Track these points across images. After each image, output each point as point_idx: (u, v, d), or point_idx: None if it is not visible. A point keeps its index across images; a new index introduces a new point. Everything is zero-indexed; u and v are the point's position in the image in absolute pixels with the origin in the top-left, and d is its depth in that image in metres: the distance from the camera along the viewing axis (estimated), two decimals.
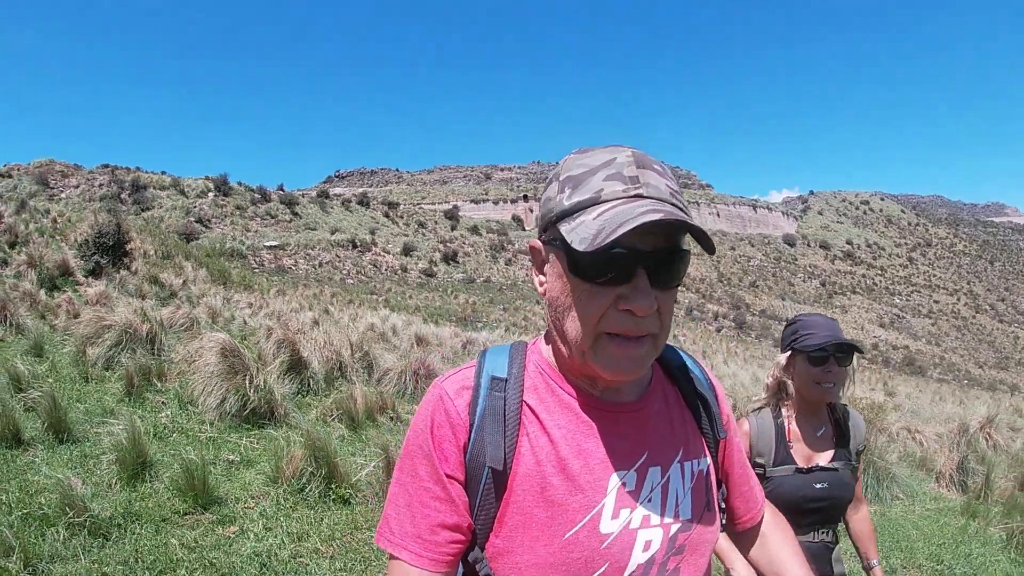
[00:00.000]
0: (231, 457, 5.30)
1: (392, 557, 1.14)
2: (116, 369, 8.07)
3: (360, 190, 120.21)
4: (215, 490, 4.58)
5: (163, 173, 76.18)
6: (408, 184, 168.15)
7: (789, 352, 2.63)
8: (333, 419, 7.07)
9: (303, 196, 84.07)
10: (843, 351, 2.51)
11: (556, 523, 1.09)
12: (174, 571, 3.60)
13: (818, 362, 2.51)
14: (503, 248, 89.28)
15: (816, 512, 2.50)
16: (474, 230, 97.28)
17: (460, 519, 1.13)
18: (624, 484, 1.15)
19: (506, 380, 1.18)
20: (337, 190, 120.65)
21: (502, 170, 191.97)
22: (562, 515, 1.10)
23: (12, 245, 21.07)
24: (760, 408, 2.71)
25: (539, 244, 1.20)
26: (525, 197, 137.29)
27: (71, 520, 3.80)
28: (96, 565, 3.49)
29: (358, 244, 67.99)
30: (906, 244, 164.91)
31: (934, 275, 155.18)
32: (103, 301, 15.04)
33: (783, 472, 2.52)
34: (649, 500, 1.16)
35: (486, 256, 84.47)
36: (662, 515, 1.17)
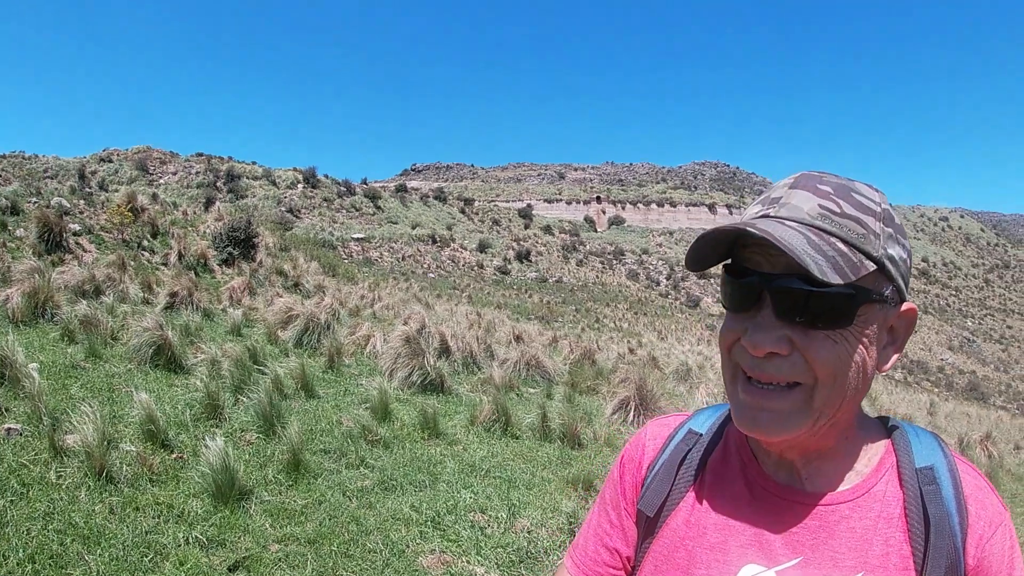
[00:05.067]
0: (429, 411, 7.74)
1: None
2: (305, 348, 10.59)
3: (436, 185, 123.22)
4: (438, 428, 7.05)
5: (254, 163, 79.73)
6: (483, 180, 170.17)
7: None
8: (481, 391, 9.51)
9: (383, 189, 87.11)
10: None
11: None
12: (440, 464, 6.10)
13: None
14: (575, 249, 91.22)
15: None
16: (547, 229, 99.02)
17: (623, 547, 1.16)
18: None
19: (700, 436, 1.15)
20: (413, 184, 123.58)
21: (575, 169, 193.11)
22: None
23: (154, 235, 23.61)
24: None
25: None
26: (598, 198, 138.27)
27: (367, 437, 6.34)
28: (391, 461, 5.97)
29: (437, 239, 70.76)
30: (983, 264, 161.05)
31: (1010, 299, 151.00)
32: (247, 289, 17.55)
33: None
34: None
35: (558, 256, 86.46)
36: None
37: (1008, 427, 19.22)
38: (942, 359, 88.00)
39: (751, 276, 0.95)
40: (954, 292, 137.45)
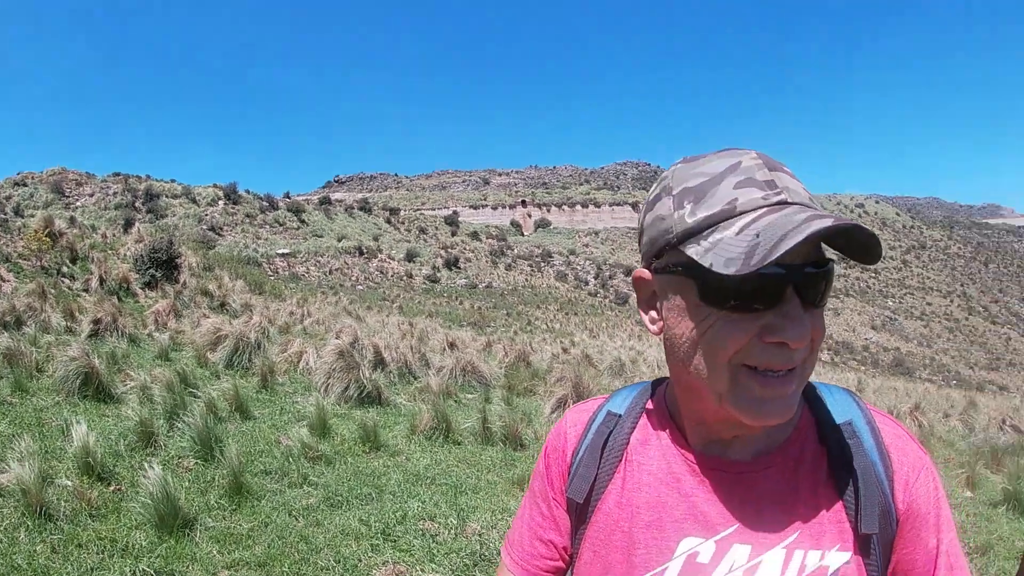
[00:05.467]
0: (368, 423, 7.67)
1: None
2: (237, 369, 10.43)
3: (361, 196, 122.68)
4: (379, 440, 7.03)
5: (173, 181, 77.89)
6: (408, 189, 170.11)
7: None
8: (419, 400, 9.51)
9: (307, 203, 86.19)
10: None
11: (615, 571, 1.05)
12: (384, 476, 6.09)
13: None
14: (503, 253, 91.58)
15: None
16: (474, 235, 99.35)
17: (558, 537, 1.15)
18: (697, 553, 1.00)
19: (619, 417, 1.14)
20: (337, 195, 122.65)
21: (500, 174, 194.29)
22: (620, 565, 1.04)
23: (73, 260, 22.95)
24: None
25: (647, 275, 1.04)
26: (524, 202, 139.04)
27: (308, 455, 6.28)
28: (335, 477, 5.93)
29: (364, 251, 70.27)
30: (900, 247, 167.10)
31: (928, 277, 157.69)
32: (172, 312, 17.22)
33: None
34: None
35: (486, 261, 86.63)
36: None
37: (935, 398, 20.07)
38: (866, 338, 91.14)
39: (771, 268, 0.86)
40: (874, 274, 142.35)
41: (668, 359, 1.03)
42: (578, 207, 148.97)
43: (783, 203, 0.90)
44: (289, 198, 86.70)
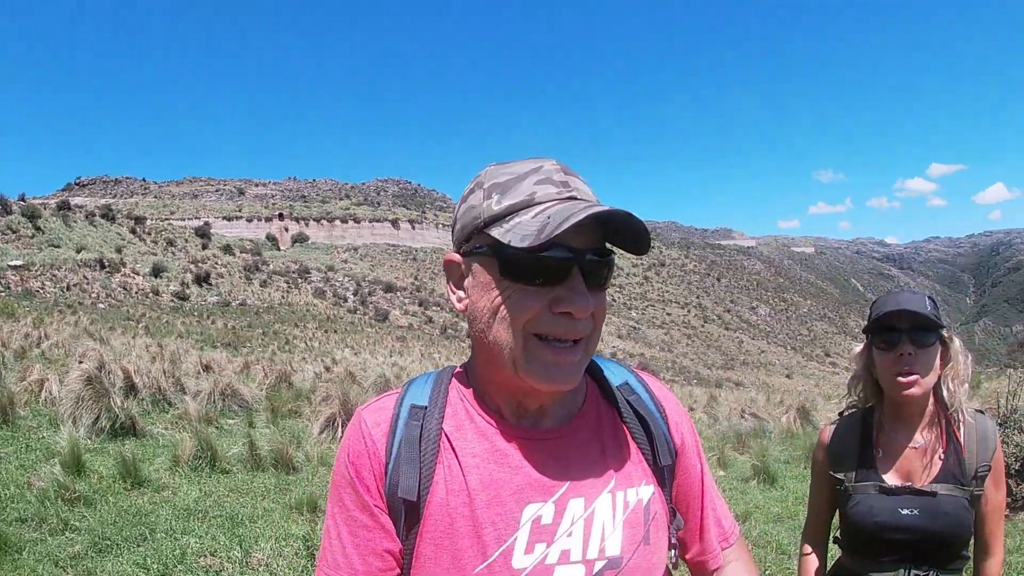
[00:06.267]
0: (127, 457, 7.27)
1: None
2: None
3: (104, 201, 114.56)
4: (140, 475, 6.64)
5: None
6: (156, 196, 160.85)
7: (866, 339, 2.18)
8: (178, 429, 9.08)
9: (43, 207, 79.16)
10: (922, 327, 2.03)
11: (465, 557, 1.07)
12: (152, 513, 5.74)
13: (887, 345, 2.06)
14: (258, 269, 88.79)
15: (901, 546, 2.04)
16: (227, 249, 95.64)
17: (392, 545, 1.12)
18: (540, 517, 1.11)
19: (426, 408, 1.17)
20: (78, 200, 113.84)
21: (257, 185, 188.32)
22: (471, 549, 1.07)
23: None
24: (847, 412, 2.30)
25: (457, 258, 1.17)
26: (281, 215, 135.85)
27: (65, 496, 5.81)
28: (98, 520, 5.52)
29: (106, 264, 65.59)
30: (642, 264, 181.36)
31: (667, 291, 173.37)
32: None
33: (864, 490, 2.11)
34: (569, 534, 1.11)
35: (240, 277, 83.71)
36: (584, 550, 1.11)
37: (680, 394, 22.04)
38: (613, 346, 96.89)
39: (560, 251, 1.03)
40: (619, 289, 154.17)
41: (472, 333, 1.16)
42: (337, 222, 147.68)
43: (573, 198, 1.09)
44: (24, 201, 79.19)
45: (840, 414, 2.31)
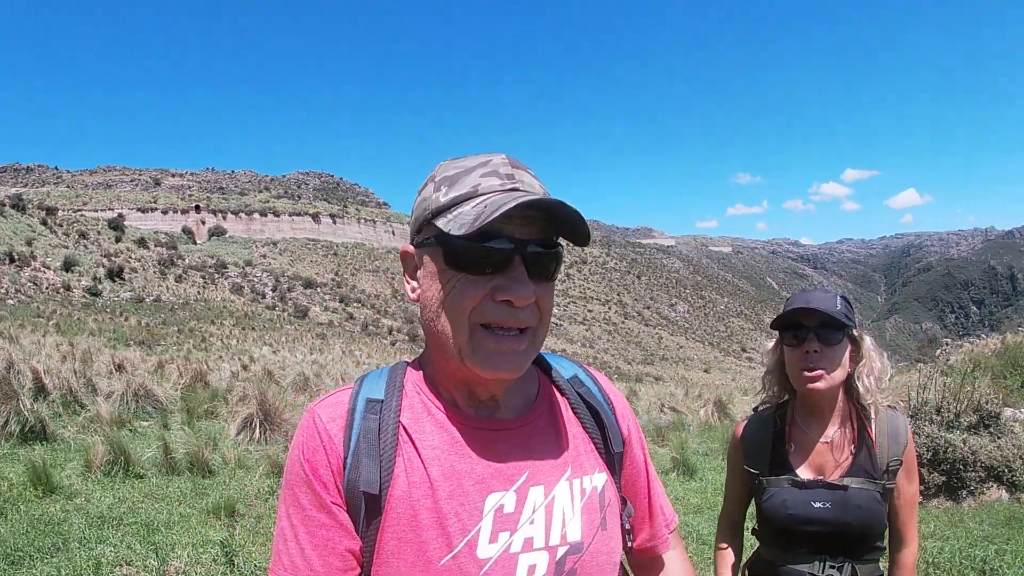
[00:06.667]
0: (37, 463, 7.08)
1: None
2: None
3: (13, 190, 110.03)
4: (51, 481, 6.50)
5: None
6: (68, 186, 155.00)
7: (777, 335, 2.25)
8: (90, 432, 8.86)
9: None
10: (830, 325, 2.08)
11: (430, 549, 1.07)
12: (65, 522, 5.64)
13: (795, 341, 2.13)
14: (173, 263, 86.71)
15: (815, 538, 2.09)
16: (141, 243, 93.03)
17: (353, 543, 1.11)
18: (502, 506, 1.12)
19: (382, 402, 1.18)
20: None
21: (173, 175, 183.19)
22: (436, 540, 1.08)
23: None
24: (761, 408, 2.35)
25: (411, 249, 1.21)
26: (198, 207, 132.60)
27: None
28: (8, 529, 5.39)
29: (15, 257, 63.17)
30: (564, 262, 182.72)
31: (589, 288, 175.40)
32: None
33: (777, 483, 2.16)
34: (531, 522, 1.14)
35: (155, 272, 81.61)
36: (547, 537, 1.14)
37: None
38: None
39: (502, 241, 1.08)
40: None
41: (423, 322, 1.19)
42: (256, 215, 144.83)
43: (515, 189, 1.12)
44: None
45: (755, 409, 2.36)
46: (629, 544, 1.35)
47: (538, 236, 1.12)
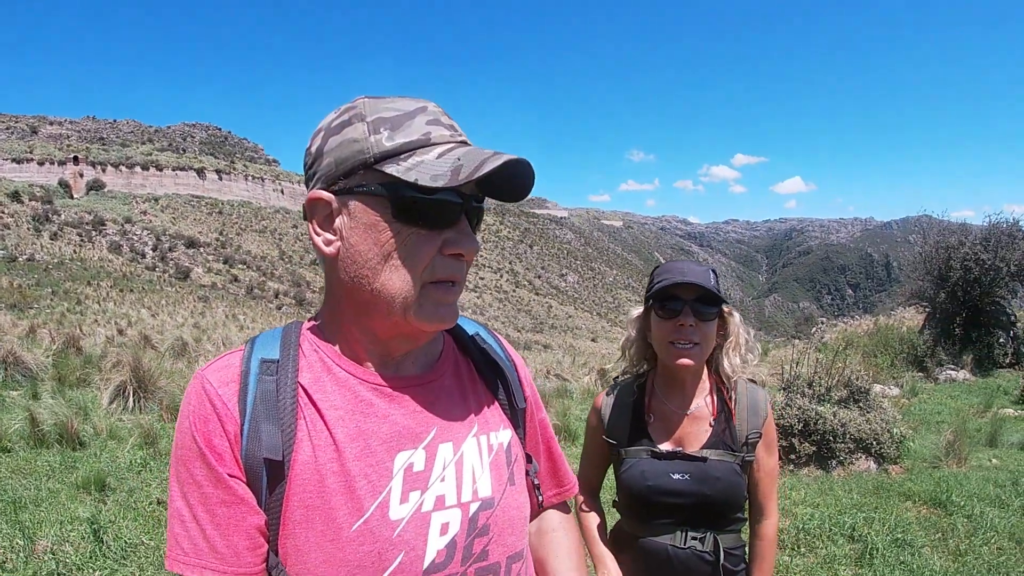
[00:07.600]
0: None
1: None
2: None
3: None
4: None
5: None
6: None
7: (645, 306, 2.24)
8: None
9: None
10: (706, 300, 2.08)
11: (340, 514, 1.03)
12: None
13: (669, 313, 2.10)
14: (48, 219, 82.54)
15: (675, 509, 2.10)
16: (15, 196, 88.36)
17: (258, 518, 1.03)
18: (412, 464, 1.09)
19: (278, 362, 1.10)
20: None
21: (51, 123, 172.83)
22: (346, 505, 1.03)
23: None
24: (621, 379, 2.33)
25: (327, 196, 1.08)
26: (76, 159, 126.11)
27: None
28: None
29: None
30: None
31: (480, 256, 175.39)
32: None
33: (636, 454, 2.16)
34: (442, 479, 1.11)
35: (28, 229, 77.67)
36: (459, 494, 1.12)
37: None
38: None
39: (451, 194, 1.05)
40: None
41: (342, 279, 1.10)
42: (138, 169, 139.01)
43: (465, 143, 1.11)
44: None
45: (615, 379, 2.35)
46: (540, 500, 1.38)
47: (476, 191, 1.12)
